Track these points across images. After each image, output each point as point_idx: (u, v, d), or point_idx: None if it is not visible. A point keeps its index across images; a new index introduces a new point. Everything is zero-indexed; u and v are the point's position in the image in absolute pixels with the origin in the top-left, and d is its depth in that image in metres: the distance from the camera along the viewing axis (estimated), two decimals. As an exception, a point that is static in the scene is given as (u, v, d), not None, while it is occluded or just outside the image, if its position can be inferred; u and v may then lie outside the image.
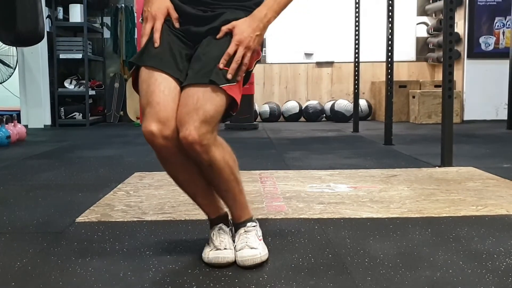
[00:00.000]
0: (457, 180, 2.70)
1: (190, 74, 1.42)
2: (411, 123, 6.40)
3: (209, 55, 1.42)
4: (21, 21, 3.81)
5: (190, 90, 1.39)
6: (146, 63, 1.44)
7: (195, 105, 1.36)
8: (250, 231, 1.54)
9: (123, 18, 6.85)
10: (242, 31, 1.42)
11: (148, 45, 1.45)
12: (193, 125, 1.35)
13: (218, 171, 1.44)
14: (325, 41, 7.01)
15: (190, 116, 1.36)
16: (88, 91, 6.37)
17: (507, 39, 6.39)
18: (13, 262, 1.54)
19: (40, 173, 3.12)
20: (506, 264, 1.48)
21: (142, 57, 1.45)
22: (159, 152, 1.43)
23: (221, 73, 1.39)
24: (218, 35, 1.44)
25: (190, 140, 1.36)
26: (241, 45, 1.41)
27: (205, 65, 1.40)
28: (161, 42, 1.45)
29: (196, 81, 1.39)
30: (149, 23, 1.46)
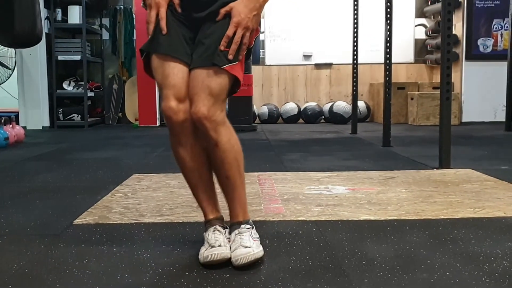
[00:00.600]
0: (455, 182, 2.70)
1: (195, 57, 1.51)
2: (409, 124, 6.41)
3: (210, 39, 1.49)
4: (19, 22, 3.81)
5: (196, 73, 1.50)
6: (157, 51, 1.52)
7: (201, 85, 1.48)
8: (244, 233, 1.55)
9: (122, 19, 6.85)
10: (240, 12, 1.47)
11: (156, 32, 1.52)
12: (202, 102, 1.47)
13: (223, 152, 1.52)
14: (324, 43, 7.02)
15: (199, 95, 1.48)
16: (86, 92, 6.37)
17: (505, 41, 6.40)
18: (11, 265, 1.54)
19: (38, 175, 3.11)
20: (503, 267, 1.49)
21: (152, 44, 1.53)
22: (174, 128, 1.52)
23: (222, 55, 1.47)
24: (217, 18, 1.50)
25: (199, 115, 1.47)
26: (239, 26, 1.47)
27: (207, 48, 1.49)
28: (168, 28, 1.52)
29: (200, 64, 1.49)
30: (153, 10, 1.52)
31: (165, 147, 4.43)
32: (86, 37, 6.33)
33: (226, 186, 1.58)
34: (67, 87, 6.54)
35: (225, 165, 1.54)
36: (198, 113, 1.47)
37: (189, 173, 1.60)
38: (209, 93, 1.47)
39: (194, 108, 1.48)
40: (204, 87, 1.47)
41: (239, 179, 1.57)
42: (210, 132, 1.49)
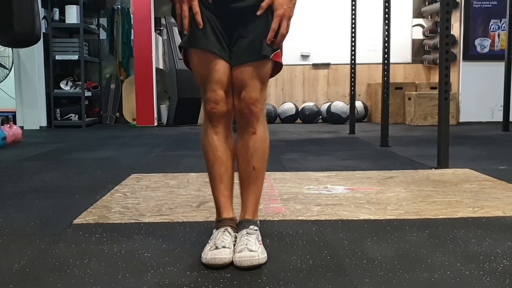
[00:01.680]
0: (453, 182, 2.71)
1: (239, 52, 1.54)
2: (407, 124, 6.42)
3: (254, 33, 1.52)
4: (18, 22, 3.79)
5: (245, 66, 1.54)
6: (196, 46, 1.55)
7: (252, 76, 1.54)
8: (251, 234, 1.57)
9: (119, 19, 6.84)
10: (282, 4, 1.51)
11: (192, 28, 1.53)
12: (252, 88, 1.55)
13: (258, 141, 1.60)
14: (322, 43, 7.02)
15: (249, 84, 1.55)
16: (84, 92, 6.35)
17: (502, 41, 6.42)
18: (11, 264, 1.54)
19: (36, 174, 3.10)
20: (503, 266, 1.49)
21: (190, 40, 1.55)
22: (217, 118, 1.58)
23: (268, 46, 1.52)
24: (259, 12, 1.51)
25: (251, 100, 1.55)
26: (284, 18, 1.52)
27: (252, 42, 1.52)
28: (203, 22, 1.53)
29: (249, 59, 1.54)
30: (185, 3, 1.52)
31: (164, 147, 4.43)
32: (83, 37, 6.32)
33: (250, 178, 1.62)
34: (65, 87, 6.53)
35: (256, 155, 1.60)
36: (251, 99, 1.55)
37: (217, 164, 1.62)
38: (259, 82, 1.55)
39: (245, 94, 1.55)
40: (254, 77, 1.54)
41: (262, 173, 1.65)
42: (254, 118, 1.57)
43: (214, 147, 1.61)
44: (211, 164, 1.63)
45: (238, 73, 1.55)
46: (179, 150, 4.21)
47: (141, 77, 6.38)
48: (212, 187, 1.66)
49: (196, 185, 2.64)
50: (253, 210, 1.64)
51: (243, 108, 1.57)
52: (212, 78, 1.55)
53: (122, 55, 6.87)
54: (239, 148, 1.63)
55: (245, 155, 1.62)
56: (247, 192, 1.64)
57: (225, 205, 1.63)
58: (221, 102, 1.57)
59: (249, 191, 1.63)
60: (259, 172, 1.63)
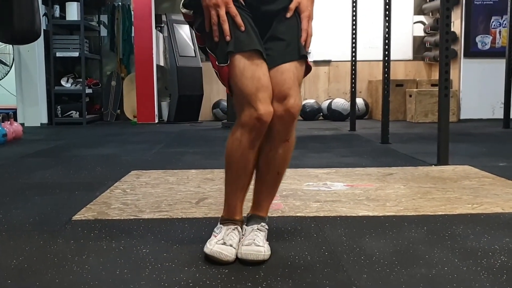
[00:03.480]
0: (453, 179, 2.71)
1: (277, 53, 1.51)
2: (407, 122, 6.41)
3: (290, 33, 1.53)
4: (18, 19, 3.80)
5: (284, 67, 1.50)
6: (244, 49, 1.46)
7: (293, 79, 1.50)
8: (261, 231, 1.58)
9: (120, 16, 6.84)
10: (307, 6, 1.54)
11: (234, 31, 1.46)
12: (298, 96, 1.51)
13: (288, 148, 1.56)
14: (322, 40, 7.01)
15: (293, 90, 1.49)
16: (85, 89, 6.36)
17: (503, 38, 6.41)
18: (9, 260, 1.54)
19: (36, 171, 3.11)
20: (501, 262, 1.49)
21: (236, 44, 1.46)
22: (261, 132, 1.49)
23: (303, 49, 1.53)
24: (289, 14, 1.53)
25: (297, 108, 1.50)
26: (310, 20, 1.55)
27: (290, 43, 1.52)
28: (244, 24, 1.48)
29: (289, 58, 1.51)
30: (221, 8, 1.45)
31: (164, 143, 4.43)
32: (84, 34, 6.32)
33: (273, 181, 1.61)
34: (65, 84, 6.53)
35: (284, 162, 1.58)
36: (295, 107, 1.49)
37: (244, 176, 1.57)
38: (298, 85, 1.52)
39: (291, 103, 1.48)
40: (295, 80, 1.51)
41: (283, 177, 1.62)
42: (291, 126, 1.52)
43: (248, 161, 1.54)
44: (238, 174, 1.57)
45: (278, 74, 1.49)
46: (180, 147, 4.21)
47: (141, 74, 6.38)
48: (231, 192, 1.60)
49: (196, 182, 2.64)
50: (267, 208, 1.65)
51: (284, 115, 1.49)
52: (261, 85, 1.45)
53: (122, 52, 6.87)
54: (266, 153, 1.56)
55: (273, 162, 1.57)
56: (266, 194, 1.62)
57: (239, 210, 1.61)
58: (271, 115, 1.47)
59: (269, 193, 1.63)
60: (281, 176, 1.62)
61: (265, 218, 1.64)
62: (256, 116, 1.45)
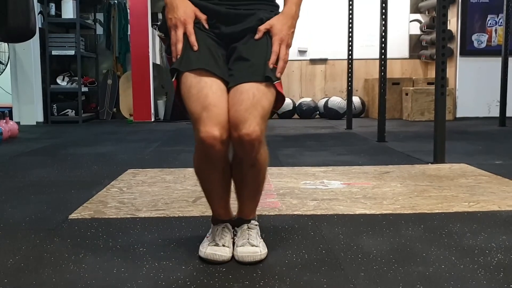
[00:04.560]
0: (449, 177, 2.71)
1: (238, 73, 1.41)
2: (404, 120, 6.42)
3: (255, 55, 1.43)
4: (13, 17, 3.78)
5: (244, 87, 1.37)
6: (192, 67, 1.40)
7: (252, 101, 1.35)
8: (253, 229, 1.57)
9: (116, 14, 6.81)
10: (281, 30, 1.45)
11: (186, 50, 1.42)
12: (255, 121, 1.34)
13: (257, 171, 1.48)
14: (319, 38, 7.01)
15: (250, 112, 1.34)
16: (80, 87, 6.34)
17: (499, 36, 6.42)
18: (6, 259, 1.53)
19: (32, 170, 3.10)
20: (498, 260, 1.50)
21: (184, 63, 1.41)
22: (213, 155, 1.38)
23: (271, 71, 1.41)
24: (257, 36, 1.44)
25: (254, 137, 1.34)
26: (282, 44, 1.44)
27: (253, 63, 1.41)
28: (198, 44, 1.42)
29: (249, 79, 1.39)
30: (179, 29, 1.42)
31: (160, 142, 4.42)
32: (80, 32, 6.29)
33: (248, 196, 1.56)
34: (61, 82, 6.51)
35: (256, 183, 1.52)
36: (252, 135, 1.33)
37: (214, 188, 1.53)
38: (261, 110, 1.36)
39: (247, 129, 1.33)
40: (255, 102, 1.35)
41: (262, 188, 1.57)
42: (253, 154, 1.39)
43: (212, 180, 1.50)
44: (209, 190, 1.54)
45: (237, 94, 1.36)
46: (176, 146, 4.20)
47: (138, 72, 6.36)
48: (210, 202, 1.59)
49: (193, 180, 2.63)
50: (253, 211, 1.61)
51: (244, 143, 1.35)
52: (208, 104, 1.34)
53: (119, 51, 6.85)
54: (237, 174, 1.50)
55: (246, 183, 1.52)
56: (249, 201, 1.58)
57: (224, 213, 1.58)
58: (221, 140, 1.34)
59: (248, 202, 1.58)
60: (260, 189, 1.55)
61: (254, 218, 1.60)
62: (199, 139, 1.35)
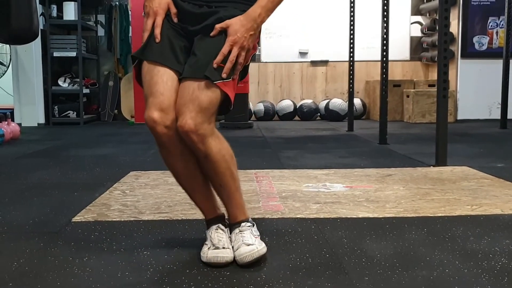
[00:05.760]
0: (451, 180, 2.71)
1: (186, 68, 1.47)
2: (405, 122, 6.42)
3: (204, 51, 1.45)
4: (15, 19, 3.78)
5: (186, 83, 1.45)
6: (148, 58, 1.50)
7: (191, 96, 1.43)
8: (244, 230, 1.55)
9: (117, 16, 6.82)
10: (236, 31, 1.44)
11: (150, 40, 1.50)
12: (189, 115, 1.42)
13: (213, 163, 1.48)
14: (320, 40, 7.02)
15: (186, 107, 1.42)
16: (82, 89, 6.34)
17: (500, 39, 6.42)
18: (10, 263, 1.54)
19: (34, 172, 3.10)
20: (502, 264, 1.50)
21: (145, 51, 1.51)
22: (160, 139, 1.48)
23: (215, 70, 1.43)
24: (212, 33, 1.46)
25: (186, 129, 1.42)
26: (235, 45, 1.44)
27: (199, 60, 1.45)
28: (162, 37, 1.50)
29: (191, 75, 1.45)
30: (150, 18, 1.51)
31: (162, 144, 4.42)
32: (81, 34, 6.30)
33: (221, 194, 1.56)
34: (63, 84, 6.51)
35: (217, 175, 1.51)
36: (185, 127, 1.41)
37: (183, 181, 1.57)
38: (197, 105, 1.41)
39: (180, 121, 1.42)
40: (194, 98, 1.42)
41: (234, 185, 1.54)
42: (198, 145, 1.44)
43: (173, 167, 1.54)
44: (179, 182, 1.58)
45: (180, 89, 1.45)
46: (178, 148, 4.20)
47: (139, 74, 6.35)
48: (190, 197, 1.62)
49: (195, 183, 2.63)
50: (239, 213, 1.58)
51: (182, 135, 1.44)
52: (156, 90, 1.44)
53: (120, 52, 6.86)
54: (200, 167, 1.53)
55: (207, 176, 1.54)
56: (226, 203, 1.58)
57: (206, 208, 1.60)
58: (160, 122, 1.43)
59: (227, 203, 1.58)
60: (229, 186, 1.53)
61: (244, 219, 1.58)
62: (145, 119, 1.46)
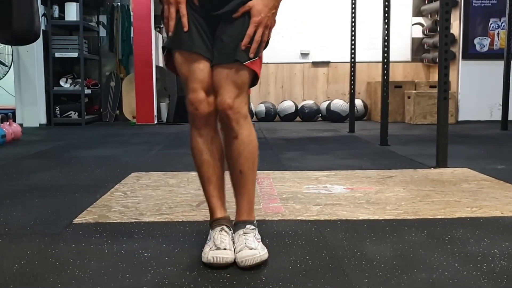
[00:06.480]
0: (452, 182, 2.72)
1: (216, 54, 1.55)
2: (406, 123, 6.42)
3: (230, 36, 1.53)
4: (17, 19, 3.79)
5: (219, 68, 1.55)
6: (180, 48, 1.56)
7: (226, 79, 1.54)
8: (248, 233, 1.57)
9: (119, 16, 6.83)
10: (260, 12, 1.51)
11: (177, 29, 1.55)
12: (227, 94, 1.54)
13: (241, 145, 1.57)
14: (321, 41, 7.03)
15: (224, 88, 1.54)
16: (83, 90, 6.35)
17: (501, 40, 6.42)
18: (11, 264, 1.54)
19: (36, 173, 3.11)
20: (501, 266, 1.50)
21: (175, 41, 1.56)
22: (200, 120, 1.57)
23: (243, 51, 1.52)
24: (235, 15, 1.52)
25: (225, 106, 1.53)
26: (260, 26, 1.51)
27: (227, 45, 1.53)
28: (188, 24, 1.54)
29: (222, 61, 1.54)
30: (172, 6, 1.53)
31: (163, 145, 4.43)
32: (83, 34, 6.31)
33: (238, 181, 1.61)
34: (64, 84, 6.52)
35: (241, 159, 1.58)
36: (224, 104, 1.53)
37: (204, 167, 1.62)
38: (233, 86, 1.54)
39: (220, 99, 1.54)
40: (229, 81, 1.53)
41: (251, 175, 1.61)
42: (233, 123, 1.54)
43: (198, 150, 1.61)
44: (198, 167, 1.64)
45: (215, 73, 1.56)
46: (179, 149, 4.21)
47: (141, 74, 6.38)
48: (203, 188, 1.67)
49: (196, 184, 2.64)
50: (247, 211, 1.62)
51: (220, 112, 1.57)
52: (195, 78, 1.55)
53: (122, 53, 6.86)
54: (225, 152, 1.62)
55: (230, 160, 1.60)
56: (238, 195, 1.63)
57: (216, 205, 1.64)
58: (203, 103, 1.55)
59: (240, 194, 1.63)
60: (247, 175, 1.60)
61: (250, 221, 1.61)
62: (188, 102, 1.56)
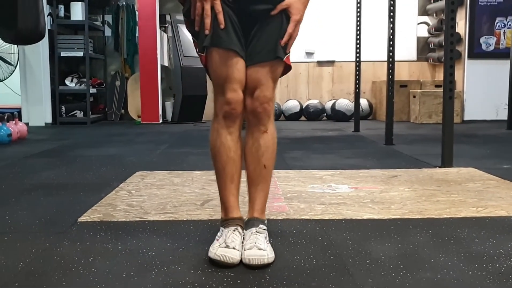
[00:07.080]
0: (457, 181, 2.71)
1: (253, 52, 1.58)
2: (411, 122, 6.41)
3: (268, 34, 1.57)
4: (22, 19, 3.81)
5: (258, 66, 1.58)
6: (219, 45, 1.56)
7: (266, 76, 1.58)
8: (260, 233, 1.59)
9: (124, 16, 6.85)
10: (299, 10, 1.57)
11: (214, 26, 1.54)
12: (266, 87, 1.59)
13: (270, 139, 1.64)
14: (326, 40, 7.01)
15: (262, 83, 1.58)
16: (89, 89, 6.38)
17: (507, 39, 6.39)
18: (16, 262, 1.55)
19: (41, 171, 3.12)
20: (507, 266, 1.49)
21: (213, 40, 1.56)
22: (232, 118, 1.60)
23: (281, 48, 1.57)
24: (273, 12, 1.55)
25: (266, 99, 1.59)
26: (298, 23, 1.58)
27: (266, 43, 1.57)
28: (225, 21, 1.54)
29: (263, 59, 1.57)
30: (207, 3, 1.53)
31: (168, 144, 4.44)
32: (88, 34, 6.33)
33: (260, 176, 1.65)
34: (70, 84, 6.55)
35: (267, 153, 1.63)
36: (265, 98, 1.58)
37: (230, 164, 1.63)
38: (272, 81, 1.60)
39: (260, 92, 1.58)
40: (268, 76, 1.59)
41: (271, 172, 1.67)
42: (266, 117, 1.60)
43: (227, 147, 1.62)
44: (223, 165, 1.64)
45: (253, 72, 1.58)
46: (184, 148, 4.22)
47: (146, 74, 6.39)
48: (221, 186, 1.66)
49: (201, 183, 2.64)
50: (262, 208, 1.66)
51: (256, 107, 1.60)
52: (234, 78, 1.57)
53: (127, 52, 6.88)
54: (249, 146, 1.65)
55: (256, 154, 1.64)
56: (256, 190, 1.66)
57: (234, 205, 1.64)
58: (240, 103, 1.59)
59: (259, 189, 1.66)
60: (269, 170, 1.66)
61: (263, 220, 1.64)
62: (225, 101, 1.58)
